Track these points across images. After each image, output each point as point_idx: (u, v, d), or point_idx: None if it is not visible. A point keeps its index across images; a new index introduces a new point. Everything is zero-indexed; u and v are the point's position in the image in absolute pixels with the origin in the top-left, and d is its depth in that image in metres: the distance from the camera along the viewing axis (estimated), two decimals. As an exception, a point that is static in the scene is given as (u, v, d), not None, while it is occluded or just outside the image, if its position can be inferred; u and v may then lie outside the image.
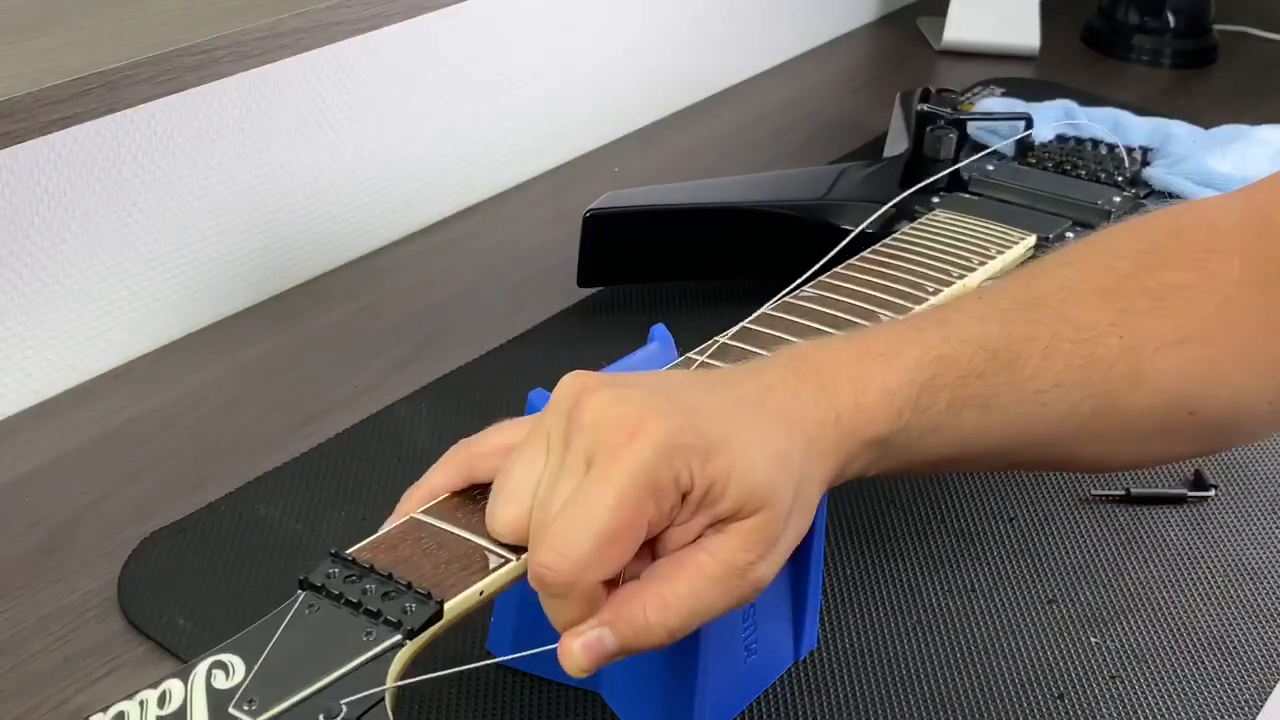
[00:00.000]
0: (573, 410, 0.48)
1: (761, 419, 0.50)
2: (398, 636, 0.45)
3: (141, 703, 0.43)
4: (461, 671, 0.62)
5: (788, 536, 0.50)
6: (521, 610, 0.61)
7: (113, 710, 0.43)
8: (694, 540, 0.48)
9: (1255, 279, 0.57)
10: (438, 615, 0.47)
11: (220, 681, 0.44)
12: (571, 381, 0.50)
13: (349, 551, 0.49)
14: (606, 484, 0.46)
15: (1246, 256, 0.57)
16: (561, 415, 0.49)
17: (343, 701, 0.43)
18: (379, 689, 0.44)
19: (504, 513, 0.49)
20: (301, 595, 0.47)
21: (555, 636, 0.61)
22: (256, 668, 0.44)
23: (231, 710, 0.43)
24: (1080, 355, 0.56)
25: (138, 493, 0.75)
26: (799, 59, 1.41)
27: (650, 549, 0.49)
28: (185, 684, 0.44)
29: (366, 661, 0.45)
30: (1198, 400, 0.57)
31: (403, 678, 0.45)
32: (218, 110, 0.89)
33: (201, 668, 0.44)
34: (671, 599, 0.47)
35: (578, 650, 0.47)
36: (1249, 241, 0.58)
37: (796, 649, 0.64)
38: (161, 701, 0.43)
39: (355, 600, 0.46)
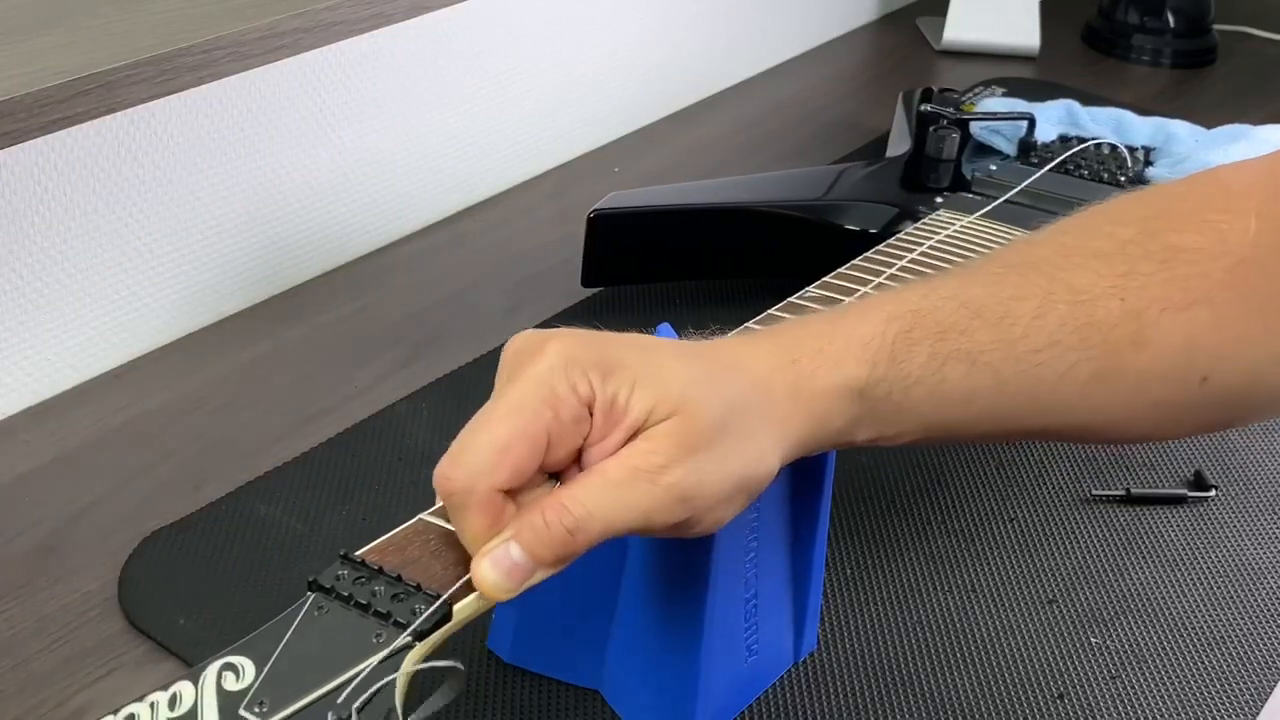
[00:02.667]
0: (500, 359, 0.50)
1: (691, 357, 0.50)
2: (407, 638, 0.45)
3: (152, 705, 0.43)
4: (467, 668, 0.62)
5: (719, 455, 0.48)
6: (522, 608, 0.61)
7: (123, 712, 0.43)
8: None
9: (1272, 240, 0.54)
10: (447, 617, 0.47)
11: (230, 683, 0.44)
12: None
13: (358, 553, 0.49)
14: (502, 396, 0.48)
15: (1263, 217, 0.55)
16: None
17: (352, 704, 0.43)
18: (389, 690, 0.44)
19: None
20: (311, 597, 0.47)
21: (556, 635, 0.62)
22: (266, 669, 0.44)
23: (242, 712, 0.43)
24: (1077, 316, 0.54)
25: (138, 493, 0.75)
26: (799, 59, 1.41)
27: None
28: (196, 686, 0.44)
29: (376, 663, 0.45)
30: (1209, 367, 0.54)
31: (412, 679, 0.45)
32: (217, 110, 0.89)
33: (212, 670, 0.44)
34: (569, 501, 0.47)
35: (485, 566, 0.47)
36: (1266, 202, 0.55)
37: (797, 650, 0.64)
38: (172, 704, 0.43)
39: (365, 602, 0.46)
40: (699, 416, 0.48)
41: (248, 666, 0.44)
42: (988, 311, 0.53)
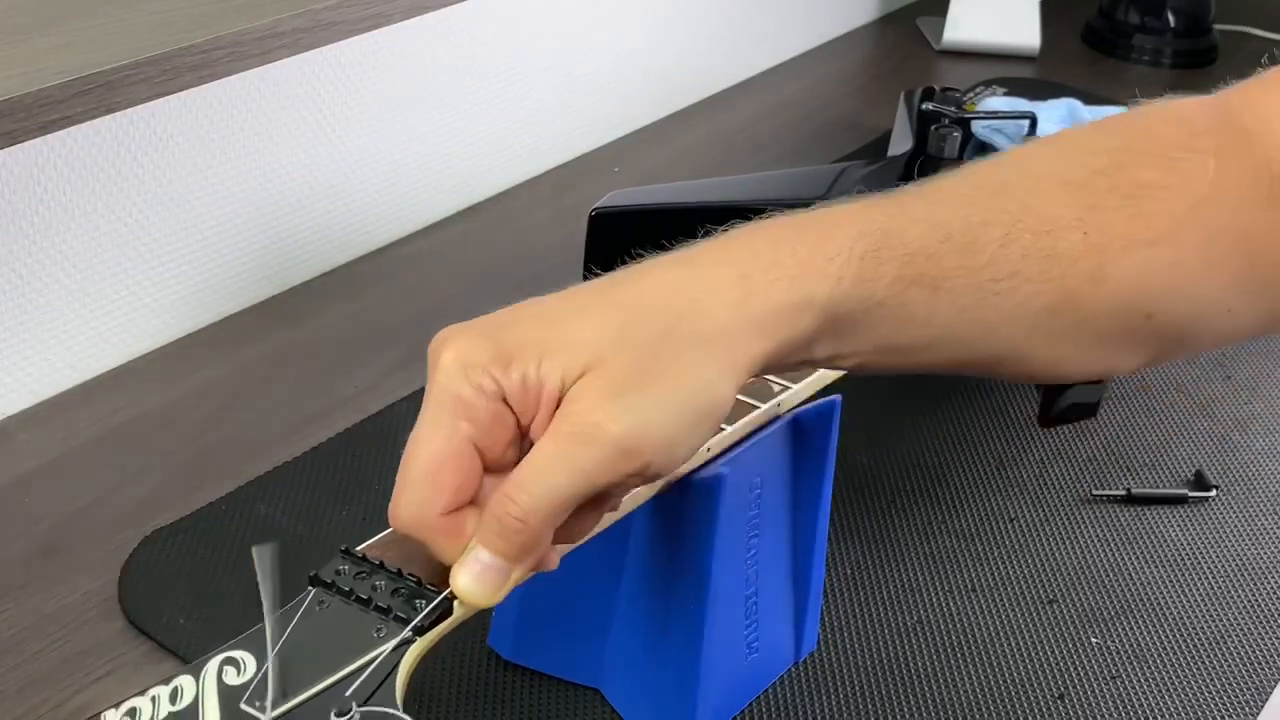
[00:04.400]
0: None
1: (602, 309, 0.49)
2: (408, 633, 0.46)
3: (154, 699, 0.43)
4: (468, 664, 0.62)
5: (657, 392, 0.46)
6: (523, 606, 0.61)
7: (125, 706, 0.43)
8: None
9: (1229, 182, 0.55)
10: (447, 612, 0.47)
11: (231, 678, 0.44)
12: None
13: (359, 548, 0.49)
14: (419, 420, 0.47)
15: (1222, 157, 0.56)
16: None
17: (354, 698, 0.43)
18: (390, 684, 0.44)
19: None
20: (312, 592, 0.47)
21: (556, 633, 0.62)
22: (268, 664, 0.44)
23: (243, 706, 0.43)
24: (1041, 247, 0.53)
25: (138, 493, 0.75)
26: (799, 59, 1.41)
27: None
28: (197, 680, 0.44)
29: (377, 657, 0.45)
30: (1157, 304, 0.55)
31: (413, 673, 0.45)
32: (217, 110, 0.89)
33: (213, 664, 0.44)
34: (511, 490, 0.46)
35: (461, 577, 0.46)
36: (1224, 142, 0.56)
37: (797, 649, 0.64)
38: (173, 698, 0.43)
39: (365, 597, 0.47)
40: (617, 361, 0.46)
41: (249, 660, 0.45)
42: (957, 236, 0.52)
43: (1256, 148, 0.56)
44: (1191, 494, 0.76)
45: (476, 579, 0.46)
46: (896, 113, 1.07)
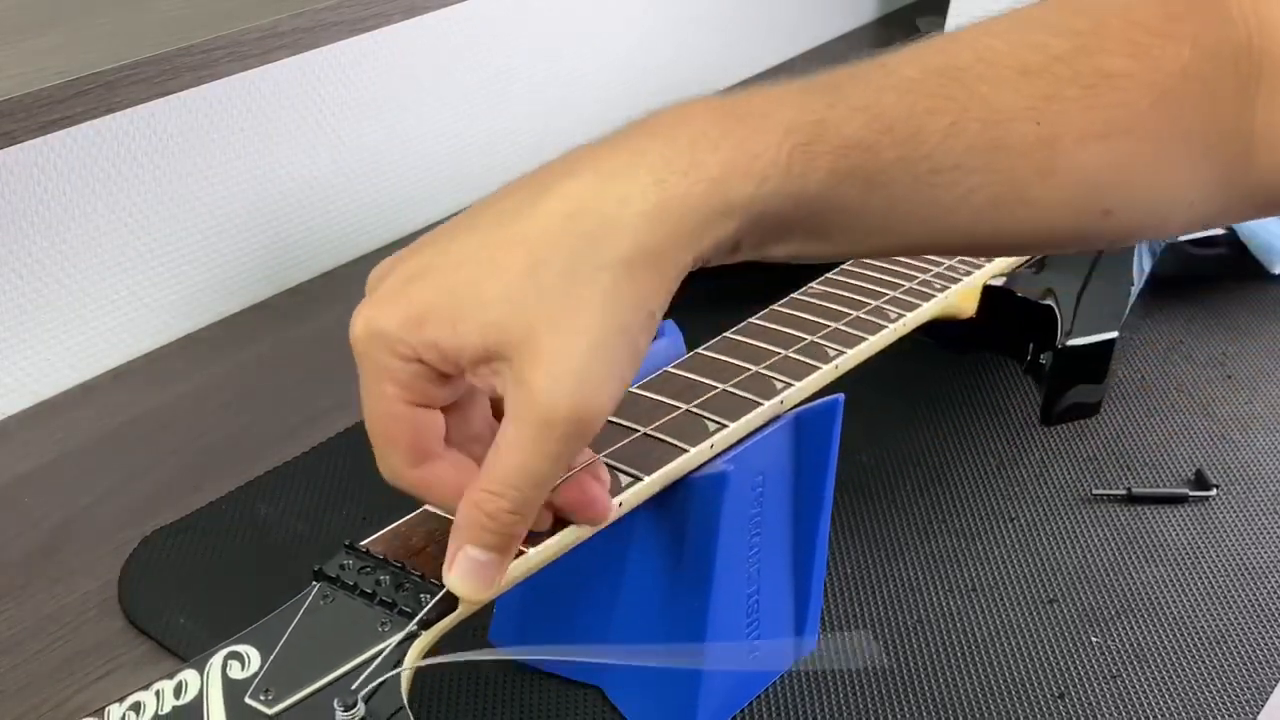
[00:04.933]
0: None
1: (505, 243, 0.47)
2: (413, 626, 0.46)
3: (158, 693, 0.43)
4: (469, 662, 0.62)
5: (590, 346, 0.44)
6: (525, 600, 0.61)
7: (129, 700, 0.43)
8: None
9: (1202, 71, 0.51)
10: (452, 605, 0.47)
11: (236, 672, 0.44)
12: None
13: (363, 543, 0.49)
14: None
15: (1198, 46, 0.52)
16: None
17: (358, 692, 0.43)
18: (395, 678, 0.44)
19: None
20: (316, 586, 0.47)
21: (558, 630, 0.62)
22: (272, 658, 0.44)
23: (248, 700, 0.43)
24: (987, 138, 0.49)
25: (138, 493, 0.75)
26: (799, 59, 1.41)
27: None
28: (201, 674, 0.44)
29: (382, 651, 0.45)
30: (1114, 200, 0.52)
31: (417, 668, 0.45)
32: (217, 110, 0.89)
33: (217, 658, 0.44)
34: (494, 486, 0.45)
35: (456, 581, 0.46)
36: (1203, 26, 0.52)
37: (798, 648, 0.64)
38: (178, 692, 0.43)
39: (370, 591, 0.47)
40: (532, 336, 0.44)
41: (253, 655, 0.45)
42: (899, 126, 0.49)
43: (1239, 30, 0.52)
44: (1192, 493, 0.76)
45: (471, 576, 0.46)
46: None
